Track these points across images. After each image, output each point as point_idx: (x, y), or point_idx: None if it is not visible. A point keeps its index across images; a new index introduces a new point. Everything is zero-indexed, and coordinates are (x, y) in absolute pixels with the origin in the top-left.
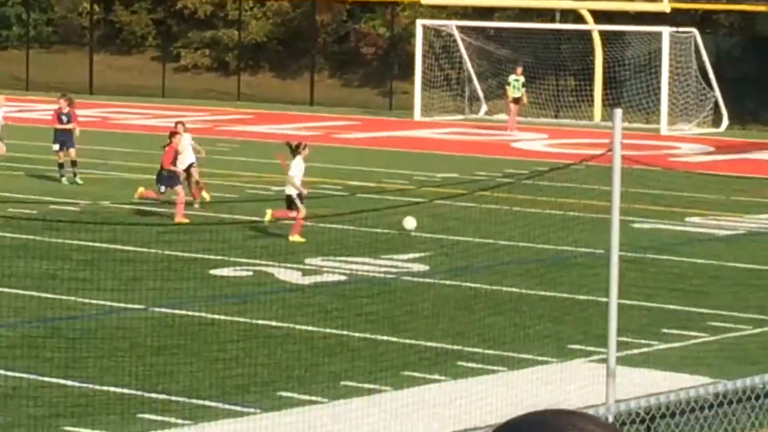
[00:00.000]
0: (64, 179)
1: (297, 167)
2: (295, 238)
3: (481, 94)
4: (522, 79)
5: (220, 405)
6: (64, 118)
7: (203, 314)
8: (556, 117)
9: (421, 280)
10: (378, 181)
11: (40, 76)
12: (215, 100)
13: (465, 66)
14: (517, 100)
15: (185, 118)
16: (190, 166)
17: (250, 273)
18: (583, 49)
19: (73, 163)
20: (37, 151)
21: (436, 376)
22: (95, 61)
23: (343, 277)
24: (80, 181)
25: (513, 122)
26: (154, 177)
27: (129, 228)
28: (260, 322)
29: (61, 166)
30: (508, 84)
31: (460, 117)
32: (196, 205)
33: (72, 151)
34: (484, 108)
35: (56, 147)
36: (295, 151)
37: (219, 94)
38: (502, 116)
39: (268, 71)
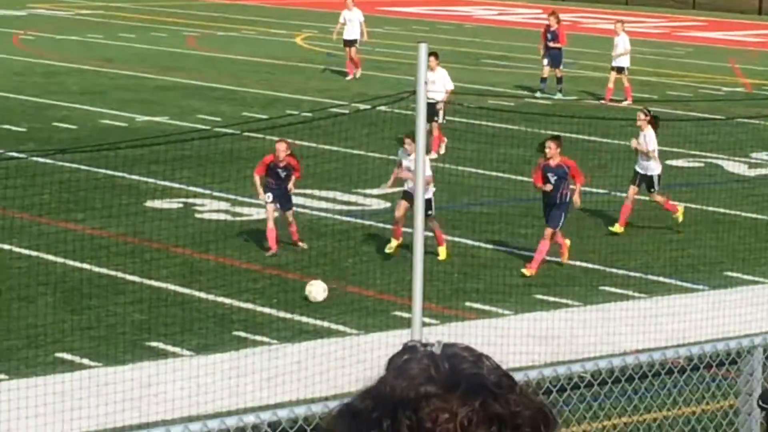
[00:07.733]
0: (558, 95)
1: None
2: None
3: None
4: None
5: (672, 281)
6: (549, 36)
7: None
8: None
9: None
10: None
11: None
12: (671, 8)
13: None
14: None
15: (641, 24)
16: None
17: (702, 164)
18: None
19: (559, 80)
20: (518, 51)
21: None
22: None
23: None
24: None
25: None
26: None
27: (593, 121)
28: (710, 208)
29: (543, 80)
30: None
31: None
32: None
33: (557, 70)
34: None
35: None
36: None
37: (676, 3)
38: None
39: None
